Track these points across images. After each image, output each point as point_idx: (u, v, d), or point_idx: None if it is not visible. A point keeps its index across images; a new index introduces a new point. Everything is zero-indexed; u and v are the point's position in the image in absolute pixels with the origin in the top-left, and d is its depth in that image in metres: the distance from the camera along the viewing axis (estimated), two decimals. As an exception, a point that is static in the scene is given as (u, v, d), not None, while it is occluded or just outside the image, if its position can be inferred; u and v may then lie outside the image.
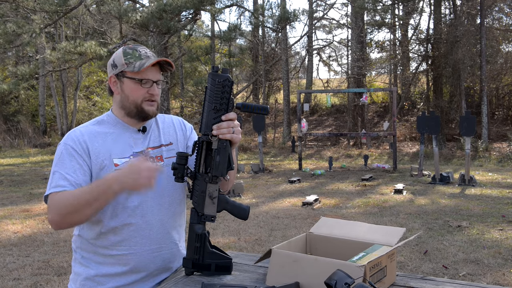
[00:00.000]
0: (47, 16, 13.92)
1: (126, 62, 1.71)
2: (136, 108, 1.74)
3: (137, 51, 1.73)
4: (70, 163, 1.66)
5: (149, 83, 1.72)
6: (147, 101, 1.73)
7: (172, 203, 1.81)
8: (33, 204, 7.72)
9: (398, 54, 17.94)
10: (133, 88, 1.72)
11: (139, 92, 1.72)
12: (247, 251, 4.88)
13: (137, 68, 1.69)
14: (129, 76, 1.71)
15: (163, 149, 1.81)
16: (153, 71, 1.73)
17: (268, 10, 18.33)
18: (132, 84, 1.72)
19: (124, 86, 1.73)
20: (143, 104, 1.73)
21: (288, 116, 18.06)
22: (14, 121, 20.34)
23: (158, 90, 1.75)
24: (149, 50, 1.78)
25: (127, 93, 1.73)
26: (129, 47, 1.76)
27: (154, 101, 1.75)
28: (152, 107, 1.75)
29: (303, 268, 1.48)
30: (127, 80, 1.72)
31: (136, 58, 1.71)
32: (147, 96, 1.72)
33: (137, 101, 1.72)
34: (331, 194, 8.26)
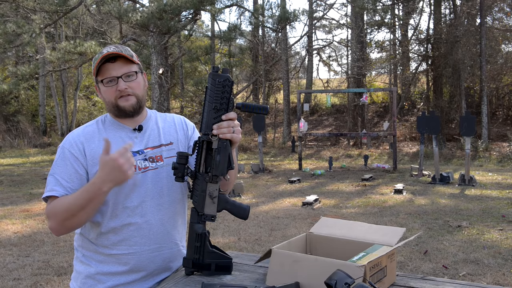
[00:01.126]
0: (47, 16, 13.92)
1: (94, 67, 1.71)
2: (114, 107, 1.74)
3: (101, 53, 1.69)
4: (66, 167, 1.69)
5: (113, 81, 1.69)
6: (121, 97, 1.71)
7: (172, 203, 1.81)
8: (33, 204, 7.72)
9: (398, 54, 17.95)
10: (103, 90, 1.72)
11: (109, 92, 1.71)
12: (247, 251, 4.88)
13: (94, 71, 1.70)
14: (98, 80, 1.72)
15: (163, 149, 1.81)
16: (115, 67, 1.69)
17: (268, 10, 18.34)
18: (101, 87, 1.72)
19: (101, 91, 1.74)
20: (118, 102, 1.72)
21: (288, 116, 18.06)
22: (14, 121, 20.35)
23: (129, 84, 1.70)
24: (114, 48, 1.70)
25: (104, 96, 1.74)
26: (100, 51, 1.72)
27: (129, 95, 1.72)
28: (127, 102, 1.72)
29: (303, 268, 1.48)
30: (99, 85, 1.73)
31: (96, 59, 1.70)
32: (117, 93, 1.70)
33: (112, 101, 1.72)
34: (331, 194, 8.26)
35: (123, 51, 1.70)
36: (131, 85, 1.71)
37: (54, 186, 1.67)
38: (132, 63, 1.72)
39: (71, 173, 1.68)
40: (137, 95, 1.74)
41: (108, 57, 1.67)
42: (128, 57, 1.69)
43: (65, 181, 1.67)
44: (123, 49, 1.72)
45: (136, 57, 1.77)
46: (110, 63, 1.68)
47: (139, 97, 1.75)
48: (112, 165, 1.52)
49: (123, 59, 1.70)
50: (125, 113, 1.74)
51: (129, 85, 1.71)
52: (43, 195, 1.69)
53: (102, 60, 1.67)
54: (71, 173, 1.68)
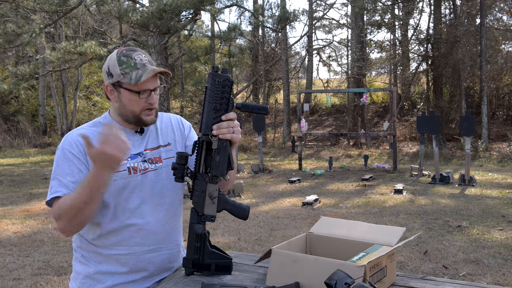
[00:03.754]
0: (47, 16, 13.93)
1: (122, 73, 1.67)
2: (134, 118, 1.72)
3: (132, 58, 1.67)
4: (69, 168, 1.67)
5: (147, 93, 1.69)
6: (146, 110, 1.71)
7: (172, 204, 1.81)
8: (33, 204, 7.72)
9: (398, 54, 17.94)
10: (131, 99, 1.69)
11: (137, 103, 1.69)
12: (247, 251, 4.88)
13: (134, 81, 1.65)
14: (126, 87, 1.68)
15: (161, 150, 1.81)
16: (150, 80, 1.69)
17: (268, 10, 18.34)
18: (129, 95, 1.69)
19: (122, 96, 1.70)
20: (141, 115, 1.71)
21: (288, 116, 18.06)
22: (14, 121, 20.35)
23: (156, 98, 1.73)
24: (143, 55, 1.71)
25: (124, 103, 1.71)
26: (123, 54, 1.69)
27: (153, 109, 1.73)
28: (150, 116, 1.73)
29: (303, 268, 1.48)
30: (124, 91, 1.69)
31: (132, 68, 1.66)
32: (145, 105, 1.70)
33: (136, 111, 1.70)
34: (331, 194, 8.26)
35: (153, 61, 1.72)
36: (156, 100, 1.74)
37: (59, 188, 1.65)
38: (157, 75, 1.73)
39: (74, 173, 1.66)
40: (157, 109, 1.77)
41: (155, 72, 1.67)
42: (169, 73, 1.72)
43: (69, 182, 1.65)
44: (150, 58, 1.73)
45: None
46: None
47: (157, 110, 1.78)
48: (101, 157, 1.49)
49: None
50: (144, 125, 1.75)
51: (157, 99, 1.74)
52: (46, 199, 1.66)
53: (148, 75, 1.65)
54: (74, 173, 1.66)
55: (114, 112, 1.78)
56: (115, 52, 1.72)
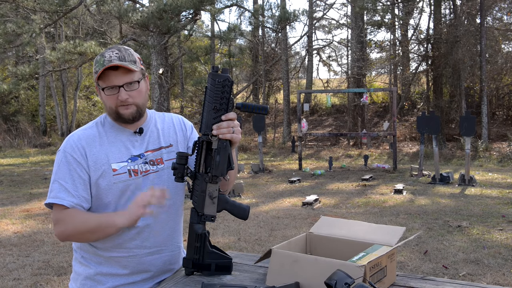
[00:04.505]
0: (47, 16, 13.92)
1: (95, 71, 1.68)
2: (113, 113, 1.72)
3: (103, 56, 1.66)
4: (70, 173, 1.67)
5: (114, 89, 1.66)
6: (121, 106, 1.69)
7: (173, 205, 1.80)
8: (33, 204, 7.72)
9: (398, 54, 17.94)
10: (104, 96, 1.70)
11: (109, 99, 1.69)
12: (247, 251, 4.88)
13: (95, 77, 1.68)
14: (99, 84, 1.69)
15: (163, 151, 1.80)
16: (117, 76, 1.65)
17: (268, 11, 18.32)
18: (101, 93, 1.70)
19: (101, 94, 1.72)
20: (118, 109, 1.69)
21: (288, 116, 18.06)
22: (14, 121, 20.35)
23: (130, 93, 1.67)
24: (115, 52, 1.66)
25: (103, 100, 1.72)
26: (101, 53, 1.69)
27: (129, 104, 1.69)
28: (127, 110, 1.69)
29: (303, 268, 1.47)
30: (100, 89, 1.70)
31: (100, 65, 1.65)
32: (117, 102, 1.68)
33: (112, 107, 1.70)
34: (331, 194, 8.26)
35: (126, 57, 1.66)
36: (132, 94, 1.68)
37: (59, 193, 1.65)
38: (134, 71, 1.68)
39: (75, 178, 1.67)
40: (137, 103, 1.71)
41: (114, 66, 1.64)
42: (130, 68, 1.65)
43: (70, 187, 1.65)
44: (126, 54, 1.67)
45: (140, 60, 1.73)
46: (112, 70, 1.65)
47: (139, 105, 1.72)
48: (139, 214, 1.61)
49: (124, 68, 1.67)
50: (125, 120, 1.73)
51: (130, 94, 1.68)
52: (46, 200, 1.67)
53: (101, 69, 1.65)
54: (75, 178, 1.67)
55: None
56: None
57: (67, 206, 1.64)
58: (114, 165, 1.70)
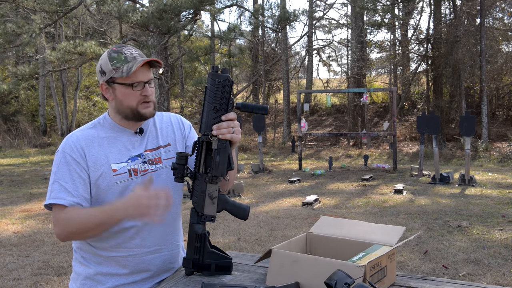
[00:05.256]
0: (47, 16, 13.92)
1: (113, 68, 1.67)
2: (132, 113, 1.71)
3: (122, 53, 1.68)
4: (69, 173, 1.66)
5: (140, 85, 1.68)
6: (143, 103, 1.70)
7: (172, 205, 1.80)
8: (33, 204, 7.72)
9: (398, 54, 17.94)
10: (125, 93, 1.69)
11: (133, 96, 1.68)
12: (247, 251, 4.88)
13: (125, 73, 1.65)
14: (119, 82, 1.68)
15: (161, 151, 1.80)
16: (142, 72, 1.68)
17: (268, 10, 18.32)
18: (123, 89, 1.68)
19: (117, 92, 1.70)
20: (138, 108, 1.70)
21: (288, 116, 18.06)
22: (14, 121, 20.34)
23: (151, 89, 1.71)
24: (134, 49, 1.71)
25: (120, 98, 1.70)
26: (113, 51, 1.70)
27: (150, 102, 1.72)
28: (148, 108, 1.71)
29: (303, 268, 1.47)
30: (118, 86, 1.69)
31: (123, 62, 1.66)
32: (141, 98, 1.69)
33: (132, 105, 1.69)
34: (331, 194, 8.26)
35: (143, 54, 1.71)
36: (152, 91, 1.72)
37: (59, 193, 1.64)
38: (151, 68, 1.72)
39: (74, 178, 1.66)
40: (154, 102, 1.75)
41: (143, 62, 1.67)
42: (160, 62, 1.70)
43: (70, 187, 1.65)
44: (140, 52, 1.72)
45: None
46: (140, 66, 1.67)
47: (155, 103, 1.76)
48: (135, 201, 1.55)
49: (147, 64, 1.70)
50: (143, 118, 1.74)
51: (152, 91, 1.72)
52: (46, 201, 1.67)
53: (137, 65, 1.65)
54: (74, 178, 1.66)
55: (112, 112, 1.77)
56: (106, 52, 1.73)
57: (67, 205, 1.63)
58: (114, 166, 1.70)
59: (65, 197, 1.63)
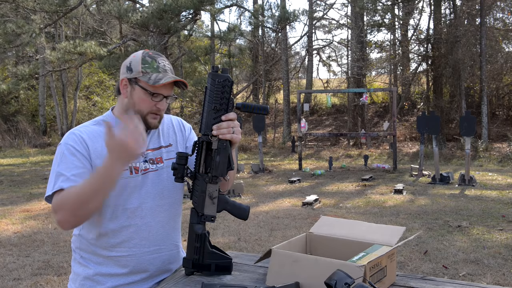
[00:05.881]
0: (47, 16, 13.93)
1: (142, 71, 1.68)
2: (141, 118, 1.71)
3: (156, 61, 1.70)
4: (73, 163, 1.64)
5: (159, 97, 1.70)
6: (152, 113, 1.71)
7: (172, 205, 1.81)
8: (33, 204, 7.72)
9: (398, 54, 17.94)
10: (142, 98, 1.69)
11: (147, 103, 1.70)
12: (247, 251, 4.88)
13: (152, 81, 1.66)
14: (142, 85, 1.69)
15: (162, 151, 1.81)
16: (167, 87, 1.71)
17: (267, 11, 18.33)
18: (142, 95, 1.69)
19: (134, 92, 1.70)
20: (147, 116, 1.71)
21: (288, 116, 18.06)
22: (14, 121, 20.34)
23: (166, 105, 1.74)
24: (167, 62, 1.74)
25: (135, 100, 1.70)
26: (149, 55, 1.72)
27: (159, 115, 1.74)
28: (155, 120, 1.73)
29: (303, 268, 1.47)
30: (138, 88, 1.69)
31: (154, 70, 1.68)
32: (154, 109, 1.70)
33: (143, 111, 1.70)
34: (331, 194, 8.26)
35: (173, 72, 1.76)
36: (165, 107, 1.75)
37: (61, 183, 1.61)
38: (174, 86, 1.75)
39: (78, 167, 1.64)
40: (162, 116, 1.78)
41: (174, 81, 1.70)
42: (186, 85, 1.74)
43: (73, 176, 1.61)
44: (172, 67, 1.77)
45: None
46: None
47: (162, 117, 1.79)
48: (119, 147, 1.50)
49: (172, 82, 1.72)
50: (147, 128, 1.74)
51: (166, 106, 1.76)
52: (46, 193, 1.63)
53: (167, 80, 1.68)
54: (78, 167, 1.64)
55: (120, 108, 1.77)
56: (141, 52, 1.74)
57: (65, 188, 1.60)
58: None
59: (64, 185, 1.61)
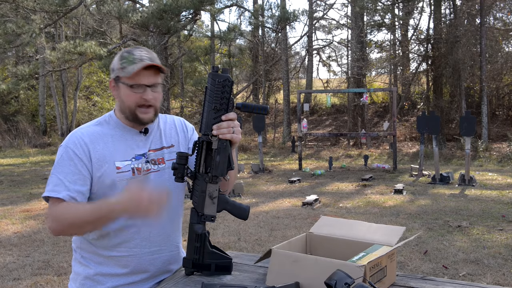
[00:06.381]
0: (47, 16, 13.92)
1: (120, 67, 1.68)
2: (130, 114, 1.72)
3: (132, 54, 1.68)
4: (69, 168, 1.66)
5: (141, 88, 1.67)
6: (141, 107, 1.69)
7: (173, 205, 1.81)
8: (33, 204, 7.72)
9: (398, 54, 17.94)
10: (126, 94, 1.69)
11: (132, 97, 1.68)
12: (247, 251, 4.88)
13: (128, 73, 1.66)
14: (123, 81, 1.68)
15: (164, 151, 1.81)
16: (147, 75, 1.67)
17: (267, 11, 18.34)
18: (125, 90, 1.69)
19: (120, 90, 1.71)
20: (136, 111, 1.70)
21: (288, 116, 18.06)
22: (14, 121, 20.34)
23: (154, 94, 1.70)
24: (145, 52, 1.71)
25: (122, 98, 1.71)
26: (127, 50, 1.71)
27: (150, 107, 1.70)
28: (146, 114, 1.71)
29: (303, 268, 1.47)
30: (121, 85, 1.69)
31: (130, 62, 1.66)
32: (140, 101, 1.68)
33: (131, 106, 1.70)
34: (331, 194, 8.26)
35: (154, 59, 1.70)
36: (155, 96, 1.70)
37: (55, 186, 1.64)
38: (159, 73, 1.71)
39: (74, 173, 1.66)
40: (156, 107, 1.73)
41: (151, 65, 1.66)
42: (163, 68, 1.69)
43: (68, 182, 1.64)
44: (153, 56, 1.71)
45: None
46: (143, 69, 1.66)
47: (157, 109, 1.75)
48: (135, 200, 1.51)
49: (155, 68, 1.69)
50: (141, 123, 1.74)
51: (154, 96, 1.70)
52: (43, 193, 1.67)
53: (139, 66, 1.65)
54: (74, 173, 1.66)
55: (117, 109, 1.78)
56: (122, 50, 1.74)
57: (62, 199, 1.62)
58: (118, 163, 1.70)
59: (61, 190, 1.63)
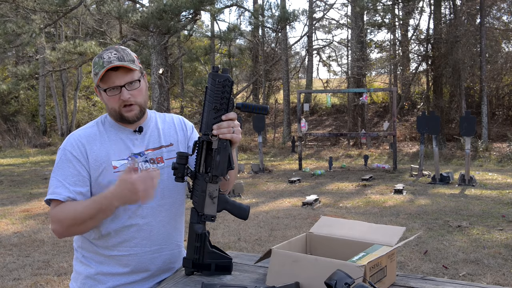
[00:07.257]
0: (47, 16, 13.91)
1: (94, 73, 1.69)
2: (116, 115, 1.73)
3: (102, 58, 1.67)
4: (69, 170, 1.68)
5: (116, 89, 1.67)
6: (124, 107, 1.70)
7: (173, 204, 1.81)
8: (33, 204, 7.72)
9: (398, 54, 17.94)
10: (106, 98, 1.71)
11: (111, 100, 1.70)
12: (247, 251, 4.88)
13: (97, 79, 1.68)
14: (100, 86, 1.69)
15: (163, 150, 1.81)
16: (119, 76, 1.66)
17: (267, 10, 18.33)
18: (104, 94, 1.70)
19: (102, 96, 1.73)
20: (121, 111, 1.71)
21: (288, 116, 18.06)
22: (14, 121, 20.34)
23: (131, 92, 1.68)
24: (114, 53, 1.67)
25: (105, 102, 1.73)
26: (98, 55, 1.70)
27: (132, 105, 1.70)
28: (130, 112, 1.71)
29: (303, 268, 1.47)
30: (101, 90, 1.71)
31: (100, 67, 1.66)
32: (120, 102, 1.69)
33: (115, 108, 1.71)
34: (331, 194, 8.26)
35: (124, 57, 1.67)
36: (133, 94, 1.70)
37: (56, 189, 1.66)
38: (133, 69, 1.69)
39: (74, 175, 1.68)
40: (139, 103, 1.73)
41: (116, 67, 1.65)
42: (130, 67, 1.67)
43: (68, 184, 1.66)
44: (124, 54, 1.69)
45: (137, 59, 1.74)
46: (113, 71, 1.66)
47: (141, 104, 1.74)
48: (130, 187, 1.53)
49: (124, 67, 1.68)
50: (129, 122, 1.75)
51: (132, 94, 1.69)
52: (45, 197, 1.69)
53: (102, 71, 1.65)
54: (74, 174, 1.68)
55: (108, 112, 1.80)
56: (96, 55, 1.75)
57: (63, 200, 1.65)
58: (115, 163, 1.71)
59: (61, 192, 1.66)
